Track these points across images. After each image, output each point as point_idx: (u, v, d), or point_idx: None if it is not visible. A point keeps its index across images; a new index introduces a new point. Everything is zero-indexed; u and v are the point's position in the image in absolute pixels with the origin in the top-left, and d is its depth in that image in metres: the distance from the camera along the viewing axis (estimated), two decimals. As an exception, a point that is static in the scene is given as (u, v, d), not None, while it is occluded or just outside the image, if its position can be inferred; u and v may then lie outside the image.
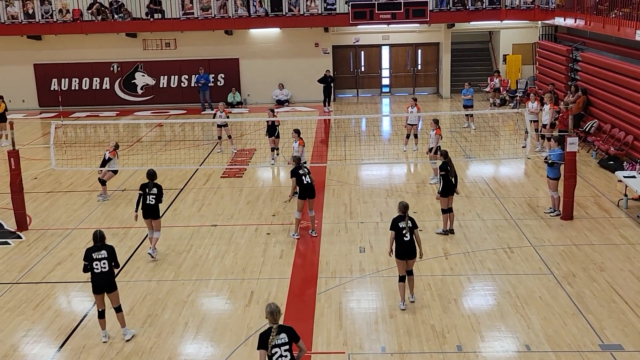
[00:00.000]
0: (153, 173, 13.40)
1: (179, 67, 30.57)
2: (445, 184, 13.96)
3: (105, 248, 10.34)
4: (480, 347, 9.98)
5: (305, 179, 13.97)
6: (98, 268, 10.21)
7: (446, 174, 13.92)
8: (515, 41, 31.21)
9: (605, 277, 12.12)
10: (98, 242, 10.34)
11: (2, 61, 30.54)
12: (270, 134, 19.88)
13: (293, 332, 7.88)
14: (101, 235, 10.41)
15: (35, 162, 20.94)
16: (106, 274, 10.26)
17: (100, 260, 10.21)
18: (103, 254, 10.25)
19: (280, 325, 7.85)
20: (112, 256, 10.35)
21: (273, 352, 7.69)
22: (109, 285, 10.30)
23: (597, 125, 20.95)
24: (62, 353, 10.20)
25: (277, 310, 7.85)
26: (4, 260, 13.69)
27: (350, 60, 32.21)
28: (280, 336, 7.73)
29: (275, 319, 7.84)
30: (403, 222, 11.03)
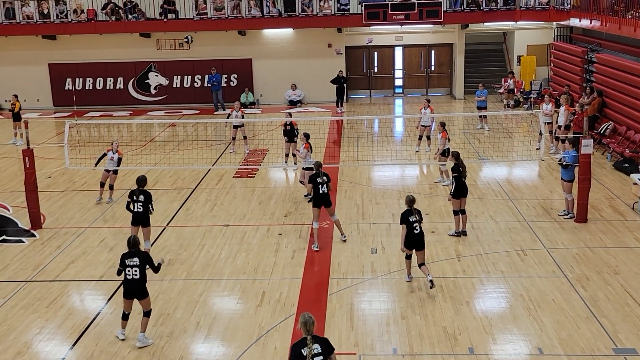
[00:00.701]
0: (142, 179, 13.11)
1: (192, 67, 30.65)
2: (457, 185, 13.92)
3: (138, 255, 10.16)
4: (492, 350, 9.92)
5: (322, 188, 13.59)
6: (130, 274, 10.08)
7: (459, 176, 13.88)
8: (530, 42, 31.05)
9: (619, 280, 12.02)
10: (132, 247, 10.19)
11: (17, 61, 30.76)
12: (289, 139, 19.27)
13: (328, 344, 7.66)
14: (135, 241, 10.27)
15: (49, 161, 21.08)
16: (137, 281, 10.10)
17: (132, 267, 10.06)
18: (135, 260, 10.08)
19: (315, 336, 7.61)
20: (145, 263, 10.17)
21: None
22: (139, 292, 10.17)
23: (612, 127, 20.80)
24: (75, 351, 10.25)
25: (310, 321, 7.60)
26: (18, 258, 13.78)
27: (363, 60, 32.17)
28: (314, 346, 7.51)
29: (309, 330, 7.59)
30: (413, 216, 11.70)
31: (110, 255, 13.79)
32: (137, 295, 10.19)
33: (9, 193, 18.07)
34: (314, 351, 7.46)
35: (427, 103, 20.81)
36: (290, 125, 19.21)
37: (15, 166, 20.46)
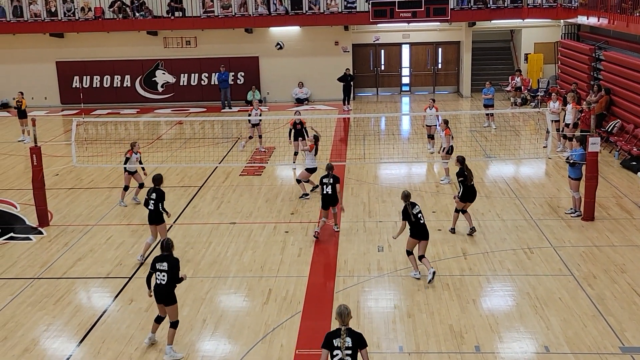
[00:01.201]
0: (156, 178, 12.99)
1: (199, 65, 30.69)
2: (465, 189, 13.89)
3: (167, 260, 9.83)
4: (499, 348, 9.91)
5: (326, 188, 13.90)
6: (158, 279, 9.81)
7: (464, 180, 13.85)
8: (537, 40, 30.95)
9: (626, 278, 11.99)
10: (163, 251, 9.90)
11: (25, 59, 30.87)
12: (297, 137, 19.20)
13: (361, 339, 7.68)
14: (167, 244, 9.94)
15: (56, 159, 21.15)
16: (163, 286, 9.76)
17: (160, 272, 9.78)
18: (164, 265, 9.78)
19: (349, 329, 7.68)
20: (173, 269, 9.80)
21: (334, 354, 7.59)
22: (165, 298, 9.84)
23: (620, 125, 20.72)
24: (82, 348, 10.30)
25: (346, 312, 7.70)
26: (25, 255, 13.84)
27: (370, 58, 32.14)
28: (346, 339, 7.58)
29: (344, 321, 7.68)
30: (415, 209, 12.11)
31: (117, 252, 13.83)
32: (164, 301, 9.86)
33: (16, 190, 18.15)
34: (346, 344, 7.55)
35: (432, 102, 20.73)
36: (300, 123, 19.19)
37: (23, 164, 20.55)
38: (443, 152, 17.81)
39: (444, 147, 17.76)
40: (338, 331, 7.64)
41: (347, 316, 7.70)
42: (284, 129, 24.79)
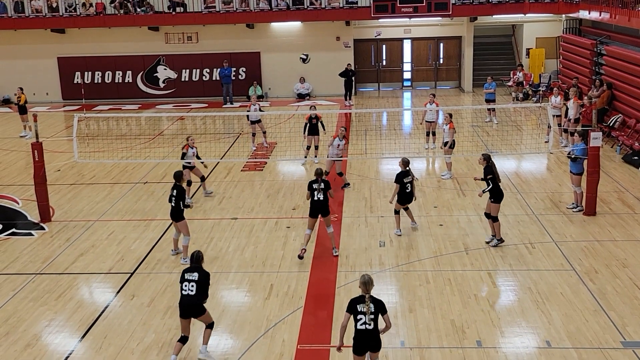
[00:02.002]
0: (177, 175, 12.93)
1: (201, 60, 30.66)
2: (496, 188, 13.07)
3: (198, 271, 9.61)
4: (500, 343, 9.92)
5: (317, 194, 12.81)
6: (185, 290, 9.51)
7: (493, 177, 13.01)
8: (539, 35, 30.87)
9: (628, 273, 11.98)
10: (193, 262, 9.70)
11: (26, 54, 30.86)
12: (311, 132, 19.11)
13: (382, 305, 8.48)
14: (197, 256, 9.72)
15: (58, 155, 21.16)
16: (192, 297, 9.49)
17: (189, 282, 9.51)
18: (194, 276, 9.53)
19: (372, 296, 8.43)
20: (203, 281, 9.56)
21: (358, 318, 8.34)
22: (194, 311, 9.59)
23: (622, 120, 20.69)
24: (84, 343, 10.32)
25: (369, 281, 8.44)
26: (27, 251, 13.86)
27: (371, 53, 32.09)
28: (370, 305, 8.36)
29: (368, 289, 8.41)
30: (407, 177, 13.55)
31: (119, 248, 13.85)
32: (193, 313, 9.62)
33: (18, 186, 18.16)
34: (370, 309, 8.36)
35: (432, 98, 20.64)
36: (315, 118, 19.14)
37: (24, 159, 20.56)
38: (446, 146, 17.78)
39: (447, 142, 17.73)
40: (362, 297, 8.40)
41: (371, 284, 8.44)
42: (285, 124, 24.81)
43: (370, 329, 8.34)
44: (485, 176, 13.14)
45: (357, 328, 8.37)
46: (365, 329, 8.34)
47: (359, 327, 8.35)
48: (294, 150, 20.87)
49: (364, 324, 8.32)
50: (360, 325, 8.34)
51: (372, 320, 8.33)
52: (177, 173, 13.04)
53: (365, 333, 8.35)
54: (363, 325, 8.32)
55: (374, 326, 8.37)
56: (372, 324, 8.34)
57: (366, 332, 8.35)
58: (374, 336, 8.41)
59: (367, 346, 8.45)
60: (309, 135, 19.28)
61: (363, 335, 8.37)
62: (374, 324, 8.35)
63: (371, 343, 8.44)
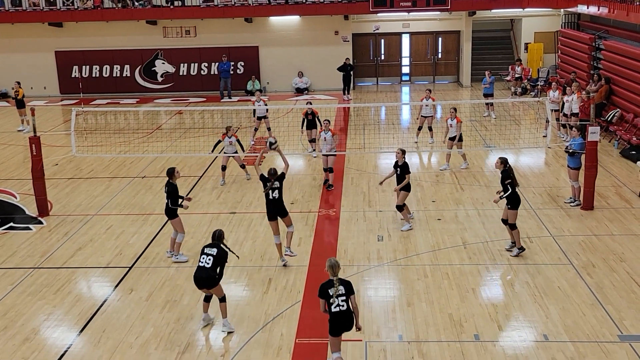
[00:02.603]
0: (168, 172, 12.63)
1: (199, 54, 30.62)
2: (514, 194, 12.33)
3: (218, 247, 10.17)
4: (498, 337, 9.95)
5: (272, 193, 12.25)
6: (202, 262, 10.06)
7: (512, 182, 12.32)
8: (537, 29, 30.86)
9: (625, 267, 12.02)
10: (215, 239, 10.25)
11: (23, 48, 30.79)
12: (309, 127, 19.25)
13: (350, 286, 8.74)
14: (219, 234, 10.32)
15: (56, 149, 21.14)
16: (206, 270, 10.04)
17: (207, 255, 10.08)
18: (213, 251, 10.10)
19: (340, 279, 8.72)
20: (220, 258, 10.12)
21: (331, 302, 8.61)
22: (208, 283, 10.10)
23: (620, 114, 20.70)
24: (82, 337, 10.33)
25: (336, 264, 8.74)
26: (25, 245, 13.87)
27: (370, 48, 32.06)
28: (339, 287, 8.63)
29: (335, 272, 8.71)
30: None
31: (117, 242, 13.86)
32: (206, 285, 10.12)
33: (16, 180, 18.15)
34: (340, 292, 8.63)
35: (428, 93, 20.61)
36: (312, 114, 19.21)
37: (22, 154, 20.54)
38: (454, 140, 17.78)
39: (455, 136, 17.75)
40: (331, 282, 8.68)
41: (337, 267, 8.76)
42: (284, 118, 24.79)
43: (344, 309, 8.65)
44: (503, 181, 12.35)
45: (331, 311, 8.66)
46: (339, 311, 8.64)
47: (334, 310, 8.64)
48: (292, 144, 20.85)
49: (338, 306, 8.62)
50: (335, 308, 8.63)
51: (344, 302, 8.64)
52: (170, 170, 12.70)
53: (340, 315, 8.65)
54: (337, 307, 8.62)
55: (347, 307, 8.67)
56: (344, 305, 8.64)
57: (340, 313, 8.65)
58: (348, 316, 8.71)
59: (343, 327, 8.73)
60: (307, 130, 19.37)
61: (338, 317, 8.66)
62: (346, 304, 8.66)
63: (346, 323, 8.73)
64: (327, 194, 16.37)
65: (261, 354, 9.71)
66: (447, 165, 18.10)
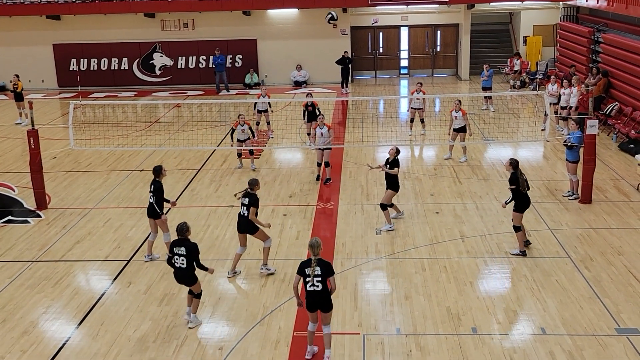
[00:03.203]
0: (155, 170, 12.40)
1: (197, 47, 30.56)
2: (519, 198, 12.25)
3: (185, 244, 10.07)
4: (496, 330, 9.97)
5: (242, 209, 11.64)
6: (177, 263, 10.11)
7: (517, 188, 12.20)
8: (536, 22, 30.81)
9: (623, 261, 12.04)
10: (179, 235, 10.13)
11: (21, 41, 30.71)
12: (310, 119, 19.27)
13: (329, 267, 9.00)
14: (181, 228, 10.12)
15: (54, 142, 21.11)
16: (184, 270, 10.10)
17: (179, 256, 10.06)
18: (182, 250, 10.05)
19: (320, 259, 8.94)
20: (191, 254, 10.07)
21: (306, 280, 8.90)
22: (187, 280, 10.19)
23: (618, 108, 20.69)
24: (81, 330, 10.35)
25: (316, 244, 8.98)
26: (23, 238, 13.87)
27: (368, 41, 32.00)
28: (316, 268, 8.86)
29: (314, 252, 8.94)
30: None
31: (115, 235, 13.86)
32: (185, 282, 10.24)
33: (14, 174, 18.14)
34: (316, 272, 8.85)
35: (419, 86, 20.63)
36: (312, 105, 19.24)
37: (20, 147, 20.51)
38: (459, 132, 17.94)
39: (460, 127, 17.89)
40: (309, 261, 8.93)
41: (318, 247, 8.97)
42: (282, 112, 24.76)
43: (319, 290, 8.88)
44: (510, 184, 12.26)
45: (306, 289, 8.96)
46: (313, 290, 8.92)
47: (308, 289, 8.93)
48: (291, 138, 20.86)
49: (312, 286, 8.89)
50: (309, 287, 8.91)
51: (319, 282, 8.85)
52: (157, 168, 12.43)
53: (314, 294, 8.94)
54: (312, 287, 8.90)
55: (322, 287, 8.88)
56: (319, 285, 8.86)
57: (314, 292, 8.93)
58: (322, 297, 8.94)
59: (316, 305, 9.02)
60: (307, 122, 19.43)
61: (312, 296, 8.96)
62: (322, 285, 8.87)
63: (320, 303, 8.98)
64: (325, 187, 16.36)
65: (259, 347, 9.73)
66: (450, 154, 18.20)
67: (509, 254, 12.42)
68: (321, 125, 16.47)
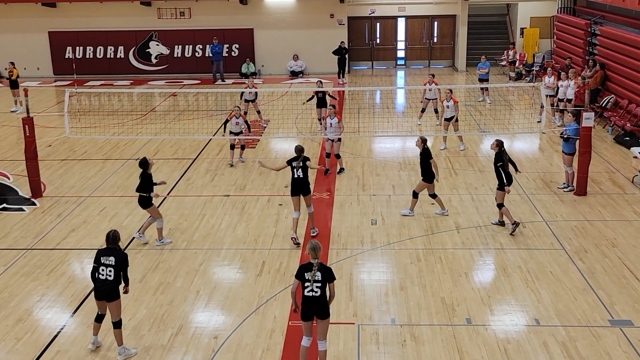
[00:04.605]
0: (141, 162, 12.49)
1: (194, 36, 30.44)
2: (505, 176, 12.69)
3: (115, 254, 9.17)
4: (490, 321, 10.01)
5: (297, 172, 12.58)
6: (103, 275, 9.09)
7: (503, 165, 12.68)
8: (533, 14, 30.78)
9: (617, 253, 12.08)
10: (110, 244, 9.25)
11: (17, 28, 30.54)
12: (320, 105, 19.66)
13: (330, 273, 8.54)
14: (114, 236, 9.28)
15: (49, 130, 21.05)
16: (110, 282, 9.11)
17: (107, 267, 9.10)
18: (111, 260, 9.12)
19: (321, 264, 8.52)
20: (121, 265, 9.18)
21: (305, 285, 8.48)
22: (109, 294, 9.15)
23: (614, 100, 20.71)
24: (76, 318, 10.35)
25: (318, 247, 8.56)
26: (18, 226, 13.84)
27: (365, 31, 31.94)
28: (317, 273, 8.44)
29: (316, 255, 8.53)
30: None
31: (110, 224, 13.83)
32: (106, 297, 9.17)
33: (9, 161, 18.08)
34: (316, 277, 8.44)
35: (431, 78, 20.59)
36: (322, 93, 19.54)
37: (15, 134, 20.44)
38: (450, 121, 18.04)
39: (452, 116, 17.95)
40: (310, 265, 8.49)
41: (319, 250, 8.55)
42: (279, 101, 24.74)
43: (317, 296, 8.46)
44: (495, 163, 12.79)
45: (304, 294, 8.52)
46: (311, 296, 8.48)
47: (306, 294, 8.50)
48: (287, 127, 20.86)
49: (311, 291, 8.46)
50: (308, 292, 8.48)
51: (318, 288, 8.44)
52: (142, 160, 12.49)
53: (312, 300, 8.49)
54: (310, 292, 8.47)
55: (321, 294, 8.46)
56: (318, 291, 8.44)
57: (312, 298, 8.48)
58: (320, 303, 8.50)
59: (313, 312, 8.56)
60: (317, 108, 19.85)
61: (309, 302, 8.51)
62: (320, 291, 8.45)
63: (317, 310, 8.53)
64: (321, 177, 16.36)
65: (254, 336, 9.75)
66: (445, 145, 18.27)
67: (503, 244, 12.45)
68: (332, 115, 16.45)
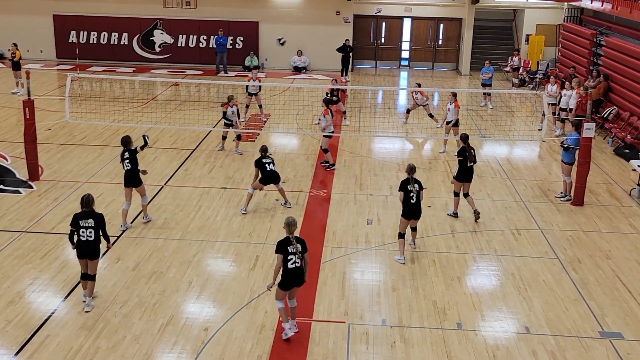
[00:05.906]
0: (124, 140, 12.75)
1: (198, 27, 30.39)
2: (461, 169, 13.53)
3: (92, 216, 9.98)
4: (480, 326, 10.02)
5: (269, 166, 13.79)
6: (84, 236, 9.91)
7: (464, 160, 13.45)
8: (540, 21, 30.75)
9: (610, 265, 12.09)
10: (85, 207, 10.02)
11: (21, 10, 30.46)
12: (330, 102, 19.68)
13: (305, 244, 9.34)
14: (87, 200, 10.06)
15: (49, 114, 21.01)
16: (92, 242, 9.96)
17: (86, 229, 9.90)
18: (90, 222, 9.93)
19: (296, 237, 9.32)
20: (99, 224, 10.00)
21: (289, 259, 9.18)
22: (91, 253, 9.99)
23: (616, 112, 20.72)
24: (67, 303, 10.34)
25: (293, 223, 9.27)
26: (14, 208, 13.82)
27: (370, 30, 31.90)
28: (297, 245, 9.21)
29: (291, 231, 9.24)
30: (410, 185, 11.70)
31: (106, 210, 13.78)
32: (90, 256, 10.01)
33: (8, 143, 18.05)
34: (298, 249, 9.21)
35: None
36: (337, 91, 19.93)
37: (15, 116, 20.40)
38: (449, 125, 17.94)
39: (451, 120, 17.87)
40: (288, 239, 9.22)
41: (294, 225, 9.27)
42: (280, 96, 24.71)
43: (299, 266, 9.25)
44: (458, 156, 13.64)
45: (287, 267, 9.20)
46: (295, 267, 9.22)
47: (290, 267, 9.20)
48: (287, 122, 20.84)
49: (294, 263, 9.19)
50: (291, 265, 9.19)
51: (300, 259, 9.22)
52: (125, 138, 12.78)
53: (295, 270, 9.24)
54: (293, 264, 9.19)
55: (302, 264, 9.27)
56: (299, 262, 9.23)
57: (296, 269, 9.24)
58: (301, 272, 9.33)
59: (294, 282, 9.34)
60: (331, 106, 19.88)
61: (293, 273, 9.24)
62: (300, 262, 9.24)
63: (299, 279, 9.34)
64: (319, 174, 16.36)
65: (244, 330, 9.75)
66: (444, 148, 18.28)
67: (497, 249, 12.46)
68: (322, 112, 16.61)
